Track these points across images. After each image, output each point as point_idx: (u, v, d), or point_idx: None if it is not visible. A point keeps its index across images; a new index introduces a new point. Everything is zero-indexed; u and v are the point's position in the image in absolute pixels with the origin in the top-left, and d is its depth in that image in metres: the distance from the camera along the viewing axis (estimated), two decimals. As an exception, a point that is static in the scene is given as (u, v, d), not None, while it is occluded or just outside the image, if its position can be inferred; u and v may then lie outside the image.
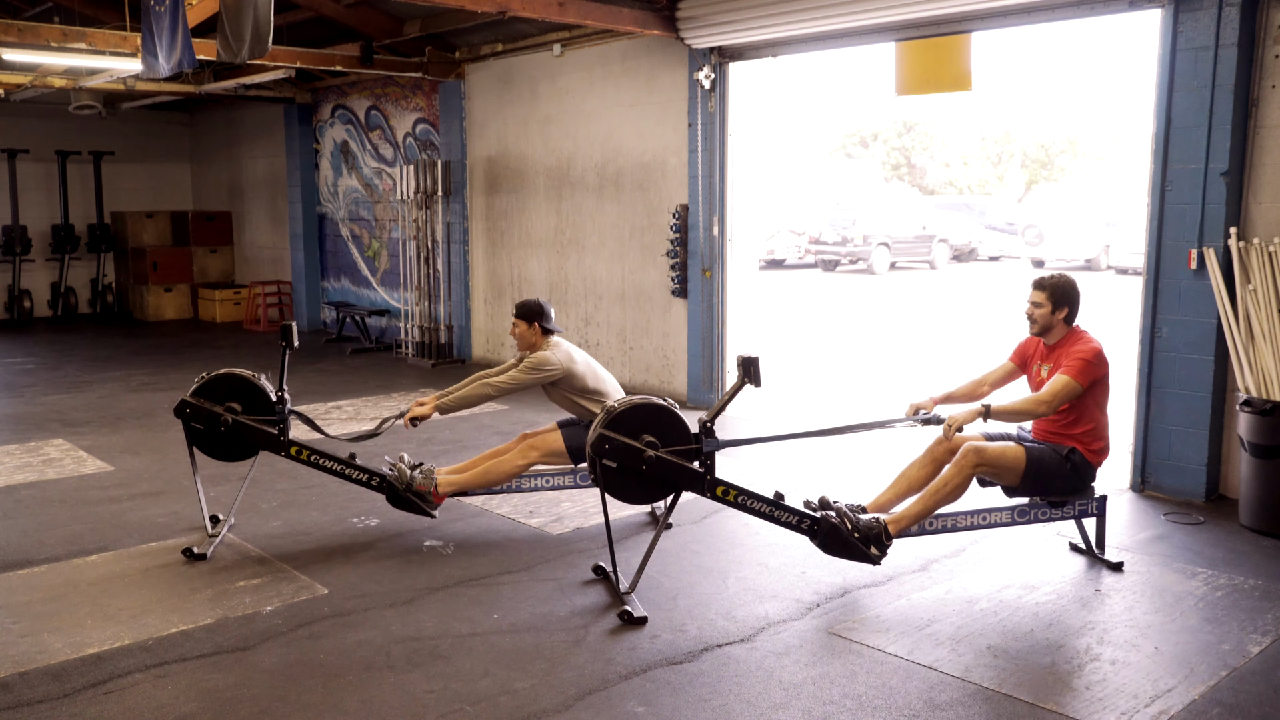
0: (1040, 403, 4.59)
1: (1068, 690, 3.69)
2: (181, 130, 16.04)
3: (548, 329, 5.46)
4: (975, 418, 4.53)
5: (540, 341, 5.45)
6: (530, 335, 5.45)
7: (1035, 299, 4.77)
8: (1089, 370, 4.57)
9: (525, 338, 5.46)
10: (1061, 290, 4.73)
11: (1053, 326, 4.76)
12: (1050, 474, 4.66)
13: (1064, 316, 4.75)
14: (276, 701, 3.60)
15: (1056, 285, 4.73)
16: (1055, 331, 4.77)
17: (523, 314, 5.45)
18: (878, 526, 4.52)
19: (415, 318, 11.24)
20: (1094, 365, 4.59)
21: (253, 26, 6.09)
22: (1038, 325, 4.79)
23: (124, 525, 5.53)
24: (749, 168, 8.50)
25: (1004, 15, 6.53)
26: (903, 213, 25.43)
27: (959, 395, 4.98)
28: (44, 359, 11.38)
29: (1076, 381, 4.55)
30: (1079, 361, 4.58)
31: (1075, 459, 4.67)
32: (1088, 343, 4.67)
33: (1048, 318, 4.75)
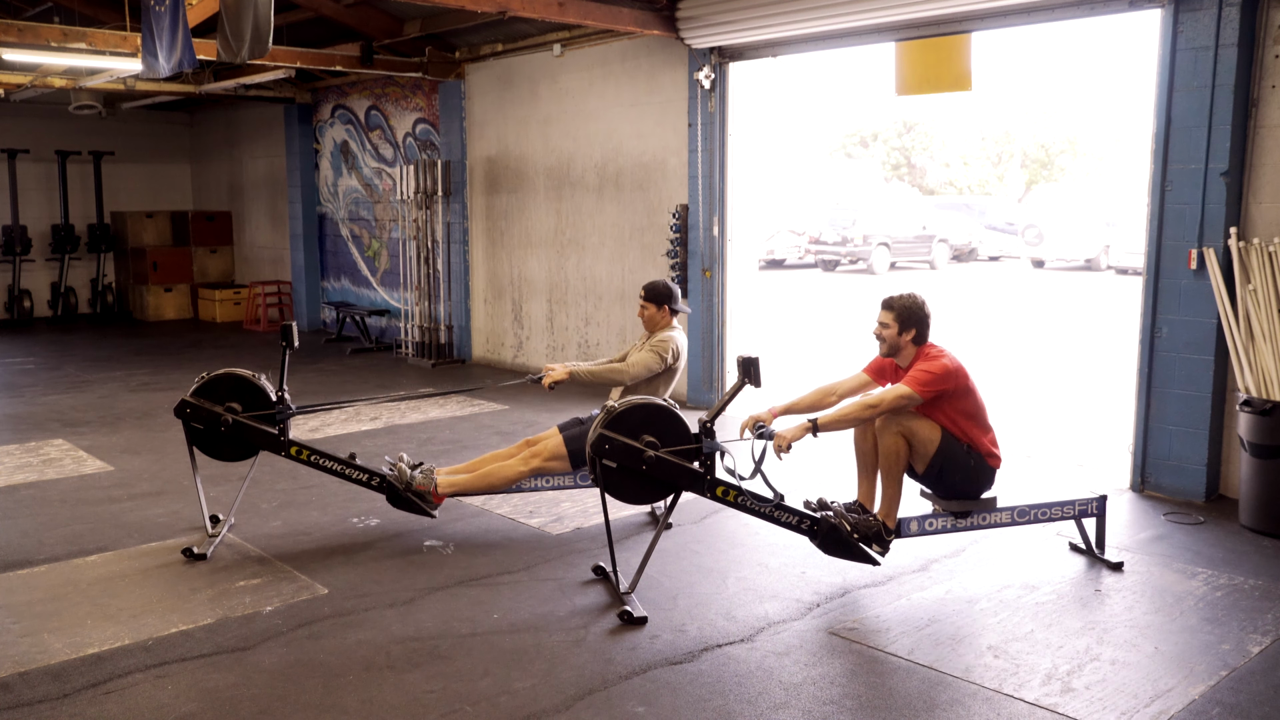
0: (868, 407, 4.51)
1: (1068, 690, 3.69)
2: (181, 130, 16.04)
3: (675, 310, 5.52)
4: (804, 434, 4.46)
5: (666, 324, 5.53)
6: (660, 318, 5.51)
7: (883, 319, 4.66)
8: (932, 385, 4.48)
9: (655, 320, 5.52)
10: (909, 311, 4.61)
11: (901, 348, 4.65)
12: (956, 464, 4.58)
13: (911, 337, 4.63)
14: (276, 701, 3.60)
15: (904, 306, 4.62)
16: (905, 353, 4.66)
17: (652, 296, 5.49)
18: (876, 524, 4.53)
19: (415, 318, 11.24)
20: (938, 380, 4.49)
21: (253, 26, 6.09)
22: (886, 345, 4.68)
23: (124, 525, 5.53)
24: (749, 168, 8.50)
25: (1004, 15, 6.53)
26: (903, 213, 25.43)
27: (801, 406, 4.83)
28: (44, 359, 11.38)
29: (913, 391, 4.47)
30: (921, 373, 4.51)
31: (975, 458, 4.62)
32: (935, 359, 4.56)
33: (895, 338, 4.64)
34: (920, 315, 4.63)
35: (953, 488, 4.67)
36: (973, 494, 4.70)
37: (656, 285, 5.52)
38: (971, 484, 4.67)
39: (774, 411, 4.78)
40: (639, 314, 5.60)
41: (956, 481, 4.64)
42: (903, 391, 4.49)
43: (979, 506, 4.71)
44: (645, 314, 5.52)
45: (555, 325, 10.10)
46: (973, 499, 4.70)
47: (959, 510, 4.69)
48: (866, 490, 4.80)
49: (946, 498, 4.70)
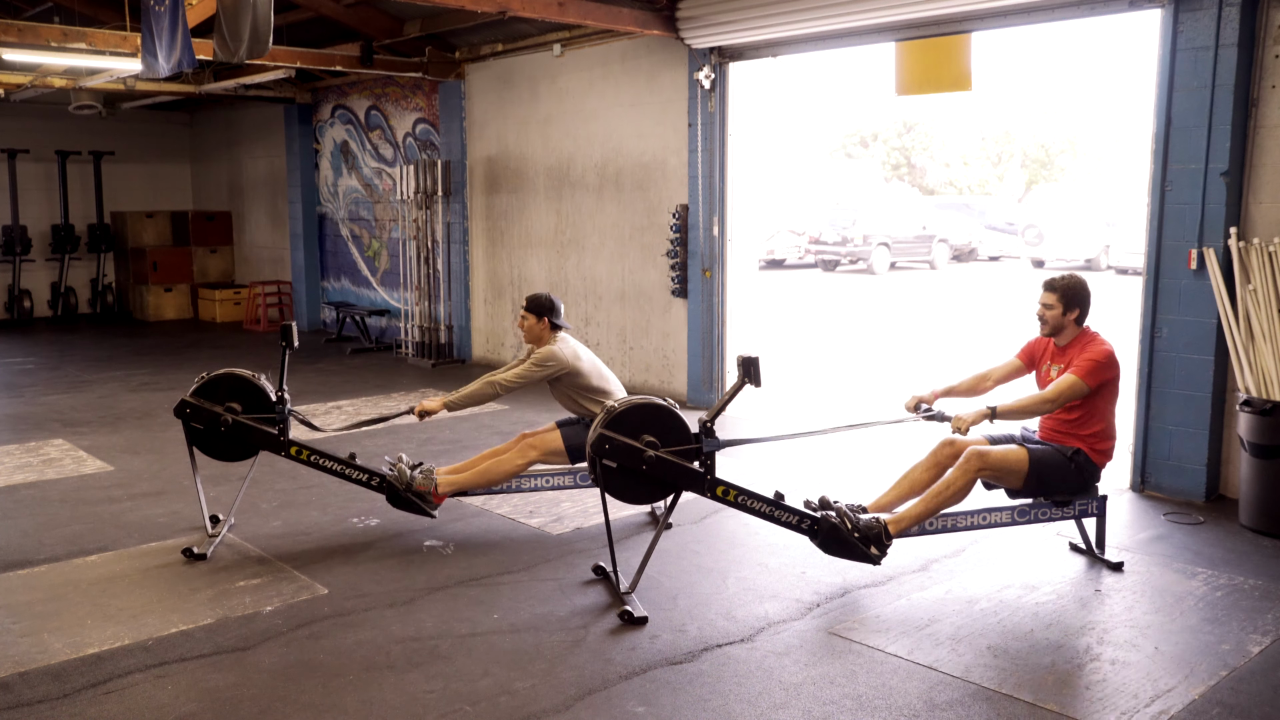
0: (1045, 401, 4.58)
1: (1068, 690, 3.69)
2: (181, 130, 16.04)
3: (556, 324, 5.46)
4: (982, 419, 4.54)
5: (548, 336, 5.45)
6: (539, 329, 5.44)
7: (1046, 300, 4.76)
8: (1099, 372, 4.57)
9: (533, 331, 5.45)
10: (1073, 291, 4.72)
11: (1064, 327, 4.75)
12: (1053, 475, 4.66)
13: (1075, 318, 4.73)
14: (276, 701, 3.60)
15: (1068, 286, 4.72)
16: (1066, 333, 4.76)
17: (533, 308, 5.44)
18: (878, 526, 4.52)
19: (415, 318, 11.24)
20: (1104, 367, 4.59)
21: (251, 26, 6.09)
22: (1049, 326, 4.77)
23: (124, 525, 5.53)
24: (749, 168, 8.50)
25: (1004, 15, 6.53)
26: (903, 213, 25.43)
27: (960, 390, 4.97)
28: (44, 359, 11.38)
29: (1085, 382, 4.55)
30: (1089, 363, 4.58)
31: (1079, 459, 4.67)
32: (1099, 345, 4.66)
33: (1059, 319, 4.73)
34: (1083, 295, 4.73)
35: (1059, 492, 4.74)
36: (1074, 492, 4.76)
37: (539, 297, 5.45)
38: (1072, 486, 4.73)
39: (935, 393, 4.90)
40: (519, 324, 5.53)
41: (1060, 488, 4.72)
42: (1075, 384, 4.55)
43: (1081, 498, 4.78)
44: (525, 324, 5.45)
45: (555, 325, 10.09)
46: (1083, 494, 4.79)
47: (1061, 499, 4.76)
48: (886, 504, 4.79)
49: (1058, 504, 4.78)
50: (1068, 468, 4.66)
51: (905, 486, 4.81)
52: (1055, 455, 4.68)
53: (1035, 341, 4.98)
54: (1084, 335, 4.75)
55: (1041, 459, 4.65)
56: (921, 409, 4.81)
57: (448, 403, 5.26)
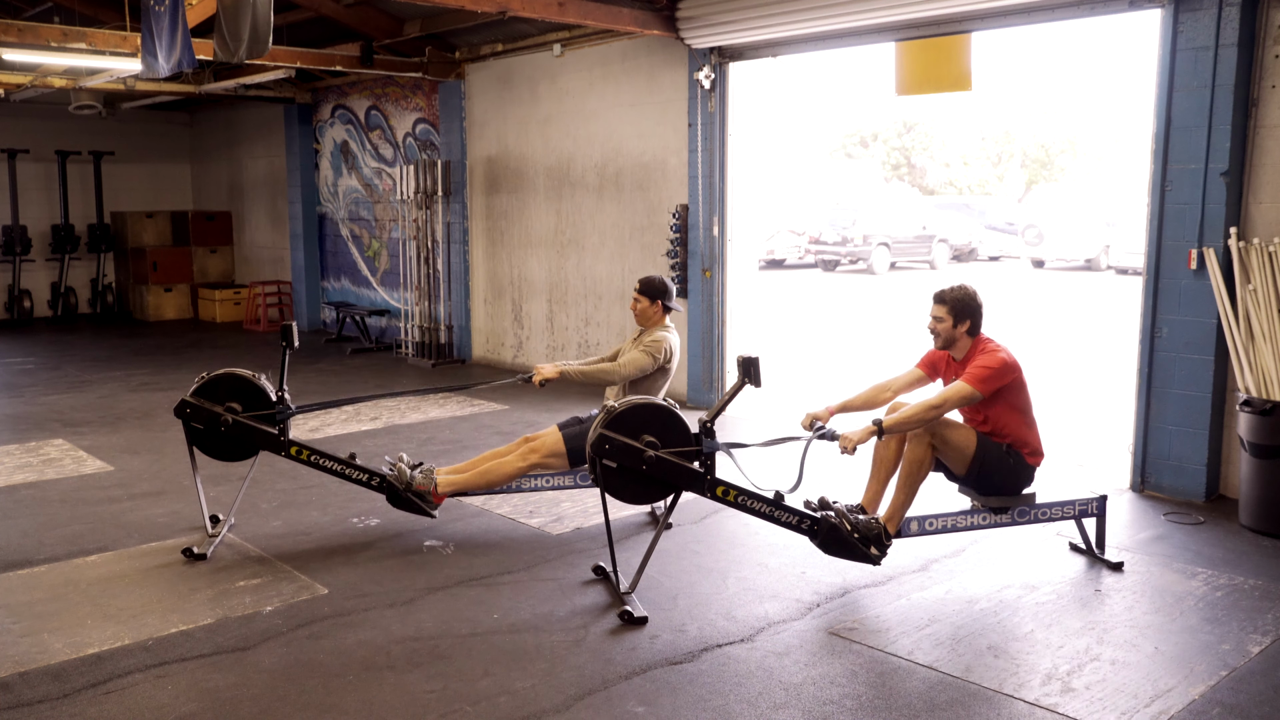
0: (931, 408, 4.50)
1: (1068, 690, 3.69)
2: (181, 130, 16.04)
3: (668, 307, 5.53)
4: (870, 436, 4.47)
5: (660, 320, 5.54)
6: (651, 312, 5.52)
7: (936, 313, 4.67)
8: (991, 380, 4.50)
9: (645, 314, 5.53)
10: (962, 303, 4.63)
11: (956, 340, 4.68)
12: (994, 465, 4.61)
13: (966, 329, 4.65)
14: (276, 701, 3.60)
15: (957, 299, 4.63)
16: (960, 345, 4.69)
17: (647, 290, 5.51)
18: (877, 526, 4.52)
19: (415, 318, 11.24)
20: (997, 375, 4.51)
21: (251, 26, 6.09)
22: (941, 339, 4.69)
23: (124, 525, 5.53)
24: (749, 168, 8.50)
25: (1004, 15, 6.53)
26: (903, 213, 25.42)
27: (856, 404, 4.85)
28: (44, 359, 11.38)
29: (975, 389, 4.48)
30: (980, 369, 4.52)
31: (1014, 457, 4.64)
32: (993, 353, 4.58)
33: (950, 331, 4.66)
34: (973, 306, 4.65)
35: (993, 487, 4.70)
36: (1012, 491, 4.73)
37: (653, 280, 5.55)
38: (1011, 482, 4.69)
39: (830, 409, 4.81)
40: (631, 306, 5.63)
41: (996, 481, 4.68)
42: (964, 390, 4.50)
43: (1017, 503, 4.74)
44: (638, 307, 5.55)
45: (555, 325, 10.10)
46: (1013, 495, 4.74)
47: (998, 505, 4.72)
48: (874, 495, 4.78)
49: (985, 494, 4.74)
50: (1006, 461, 4.63)
51: (879, 468, 4.78)
52: (996, 447, 4.63)
53: (935, 352, 4.86)
54: (978, 345, 4.66)
55: (986, 445, 4.61)
56: (815, 426, 4.67)
57: (565, 371, 5.30)
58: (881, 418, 4.53)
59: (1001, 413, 4.62)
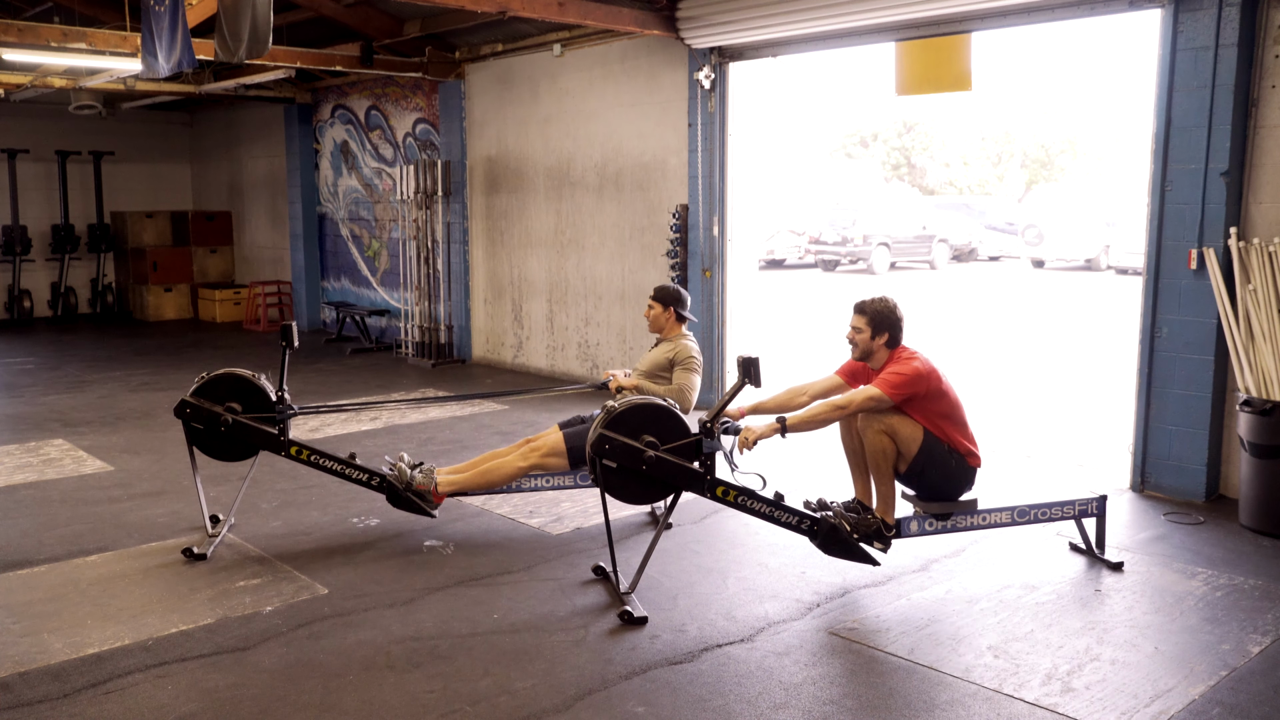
0: (836, 408, 4.51)
1: (1068, 690, 3.69)
2: (181, 130, 16.04)
3: (683, 316, 5.54)
4: (771, 433, 4.46)
5: (675, 328, 5.55)
6: (664, 319, 5.55)
7: (855, 323, 4.65)
8: (902, 386, 4.46)
9: (658, 321, 5.56)
10: (880, 315, 4.60)
11: (873, 351, 4.64)
12: (938, 463, 4.56)
13: (884, 341, 4.62)
14: (276, 701, 3.60)
15: (877, 310, 4.60)
16: (877, 356, 4.65)
17: (661, 297, 5.54)
18: (875, 522, 4.53)
19: (415, 318, 11.24)
20: (908, 382, 4.47)
21: (251, 26, 6.09)
22: (859, 350, 4.67)
23: (124, 525, 5.53)
24: (749, 168, 8.50)
25: (1004, 15, 6.53)
26: (903, 213, 25.42)
27: (770, 406, 4.84)
28: (44, 359, 11.38)
29: (883, 393, 4.46)
30: (892, 375, 4.50)
31: (956, 458, 4.60)
32: (906, 361, 4.55)
33: (867, 343, 4.63)
34: (893, 319, 4.61)
35: (934, 488, 4.64)
36: (953, 494, 4.67)
37: (666, 287, 5.60)
38: (952, 484, 4.64)
39: (742, 409, 4.81)
40: (645, 313, 5.64)
41: (938, 481, 4.61)
42: (872, 393, 4.48)
43: (959, 508, 4.68)
44: (651, 314, 5.57)
45: (555, 325, 10.10)
46: (952, 499, 4.68)
47: (939, 512, 4.66)
48: (862, 489, 4.81)
49: (927, 499, 4.68)
50: (949, 461, 4.58)
51: (853, 462, 4.79)
52: (940, 445, 4.59)
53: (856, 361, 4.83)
54: (895, 354, 4.63)
55: (931, 442, 4.55)
56: (722, 422, 4.63)
57: (639, 387, 5.34)
58: (786, 416, 4.52)
59: (925, 420, 4.57)
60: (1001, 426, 7.83)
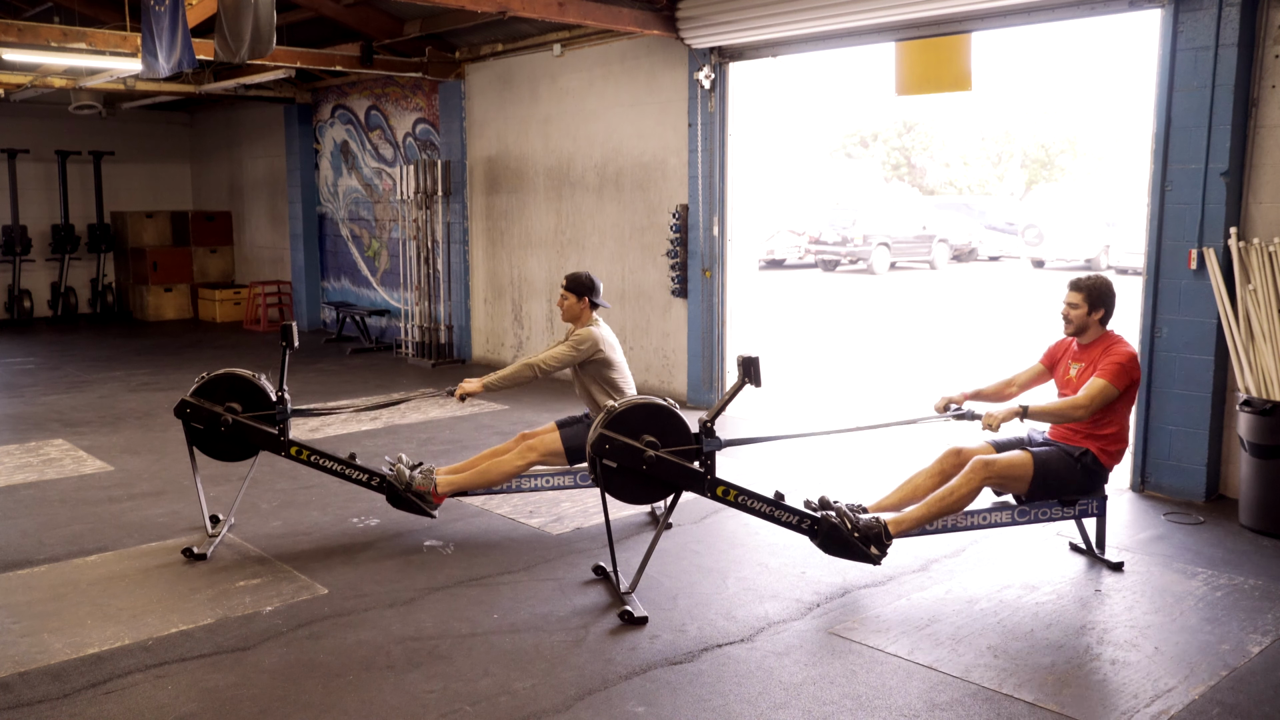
0: (1077, 406, 4.59)
1: (1068, 690, 3.69)
2: (181, 130, 16.04)
3: (596, 304, 5.53)
4: (1013, 417, 4.54)
5: (588, 316, 5.51)
6: (578, 308, 5.51)
7: (1072, 300, 4.78)
8: (1124, 374, 4.58)
9: (572, 310, 5.51)
10: (1098, 292, 4.74)
11: (1088, 327, 4.78)
12: (1060, 478, 4.66)
13: (1100, 318, 4.76)
14: (276, 701, 3.60)
15: (1094, 287, 4.75)
16: (1090, 332, 4.78)
17: (572, 286, 5.50)
18: (878, 526, 4.52)
19: (415, 318, 11.24)
20: (1129, 370, 4.60)
21: (253, 26, 6.09)
22: (1073, 325, 4.79)
23: (124, 525, 5.53)
24: (749, 168, 8.50)
25: (1004, 15, 6.53)
26: (903, 213, 25.42)
27: (987, 394, 5.01)
28: (44, 359, 11.38)
29: (1114, 385, 4.56)
30: (1115, 365, 4.58)
31: (1087, 460, 4.67)
32: (1123, 346, 4.69)
33: (1084, 319, 4.76)
34: (1108, 297, 4.76)
35: (1066, 493, 4.74)
36: (1089, 491, 4.77)
37: (579, 275, 5.55)
38: (1084, 485, 4.73)
39: (965, 395, 4.96)
40: (559, 303, 5.61)
41: (1069, 489, 4.72)
42: (1104, 388, 4.56)
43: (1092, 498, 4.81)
44: (565, 304, 5.52)
45: (555, 325, 10.10)
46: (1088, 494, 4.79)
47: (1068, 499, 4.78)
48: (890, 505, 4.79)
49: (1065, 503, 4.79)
50: (1074, 468, 4.66)
51: (908, 491, 4.82)
52: (1062, 457, 4.67)
53: (1056, 345, 5.02)
54: (1107, 337, 4.77)
55: (1047, 462, 4.64)
56: (951, 408, 4.86)
57: (487, 383, 5.28)
58: (1028, 404, 4.58)
59: (1116, 407, 4.65)
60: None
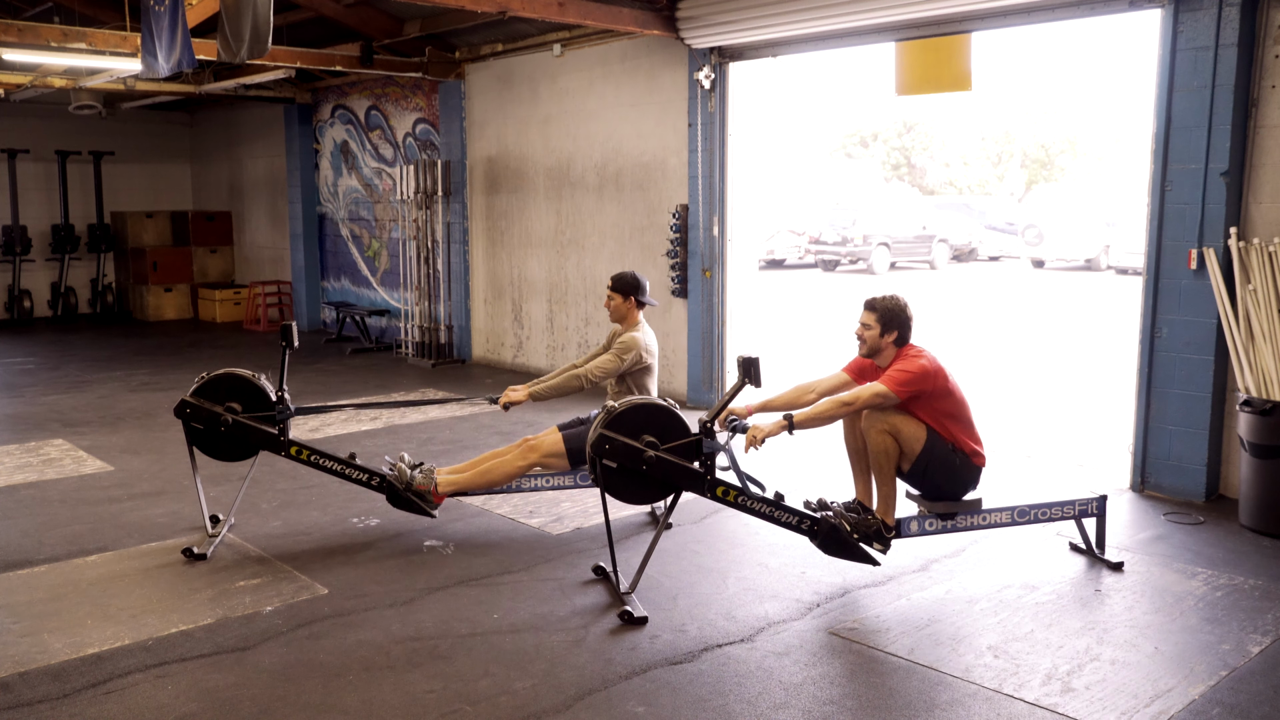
0: (843, 404, 4.53)
1: (1068, 690, 3.69)
2: (181, 130, 16.04)
3: (642, 302, 5.52)
4: (780, 430, 4.47)
5: (634, 316, 5.52)
6: (625, 308, 5.51)
7: (865, 320, 4.66)
8: (908, 384, 4.47)
9: (619, 310, 5.52)
10: (891, 313, 4.61)
11: (881, 349, 4.65)
12: (941, 462, 4.56)
13: (893, 339, 4.62)
14: (276, 701, 3.60)
15: (887, 308, 4.62)
16: (885, 354, 4.66)
17: (619, 287, 5.50)
18: (875, 522, 4.53)
19: (415, 318, 11.24)
20: (915, 380, 4.48)
21: (251, 26, 6.10)
22: (866, 346, 4.67)
23: (124, 525, 5.53)
24: (749, 168, 8.50)
25: (1004, 15, 6.53)
26: (903, 213, 25.42)
27: (778, 403, 4.84)
28: (44, 359, 11.38)
29: (889, 390, 4.46)
30: (897, 373, 4.51)
31: (960, 457, 4.61)
32: (913, 359, 4.56)
33: (876, 340, 4.63)
34: (902, 318, 4.62)
35: (937, 487, 4.65)
36: (957, 493, 4.68)
37: (625, 275, 5.53)
38: (956, 483, 4.65)
39: (750, 408, 4.82)
40: (605, 304, 5.61)
41: (941, 481, 4.62)
42: (878, 390, 4.49)
43: (963, 508, 4.68)
44: (611, 304, 5.54)
45: (555, 325, 10.10)
46: (957, 499, 4.68)
47: (944, 512, 4.66)
48: (863, 489, 4.81)
49: (932, 498, 4.68)
50: (952, 460, 4.58)
51: (854, 462, 4.80)
52: (944, 444, 4.59)
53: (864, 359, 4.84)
54: (903, 353, 4.63)
55: (935, 441, 4.56)
56: (729, 420, 4.68)
57: (534, 393, 5.31)
58: (793, 413, 4.52)
59: (932, 418, 4.57)
60: (1002, 426, 7.82)
